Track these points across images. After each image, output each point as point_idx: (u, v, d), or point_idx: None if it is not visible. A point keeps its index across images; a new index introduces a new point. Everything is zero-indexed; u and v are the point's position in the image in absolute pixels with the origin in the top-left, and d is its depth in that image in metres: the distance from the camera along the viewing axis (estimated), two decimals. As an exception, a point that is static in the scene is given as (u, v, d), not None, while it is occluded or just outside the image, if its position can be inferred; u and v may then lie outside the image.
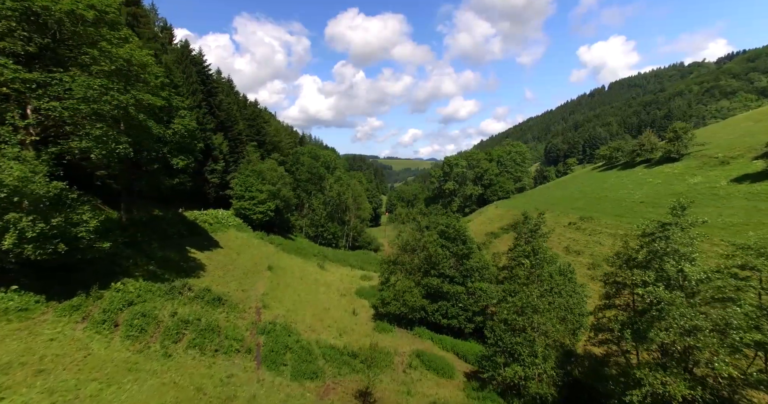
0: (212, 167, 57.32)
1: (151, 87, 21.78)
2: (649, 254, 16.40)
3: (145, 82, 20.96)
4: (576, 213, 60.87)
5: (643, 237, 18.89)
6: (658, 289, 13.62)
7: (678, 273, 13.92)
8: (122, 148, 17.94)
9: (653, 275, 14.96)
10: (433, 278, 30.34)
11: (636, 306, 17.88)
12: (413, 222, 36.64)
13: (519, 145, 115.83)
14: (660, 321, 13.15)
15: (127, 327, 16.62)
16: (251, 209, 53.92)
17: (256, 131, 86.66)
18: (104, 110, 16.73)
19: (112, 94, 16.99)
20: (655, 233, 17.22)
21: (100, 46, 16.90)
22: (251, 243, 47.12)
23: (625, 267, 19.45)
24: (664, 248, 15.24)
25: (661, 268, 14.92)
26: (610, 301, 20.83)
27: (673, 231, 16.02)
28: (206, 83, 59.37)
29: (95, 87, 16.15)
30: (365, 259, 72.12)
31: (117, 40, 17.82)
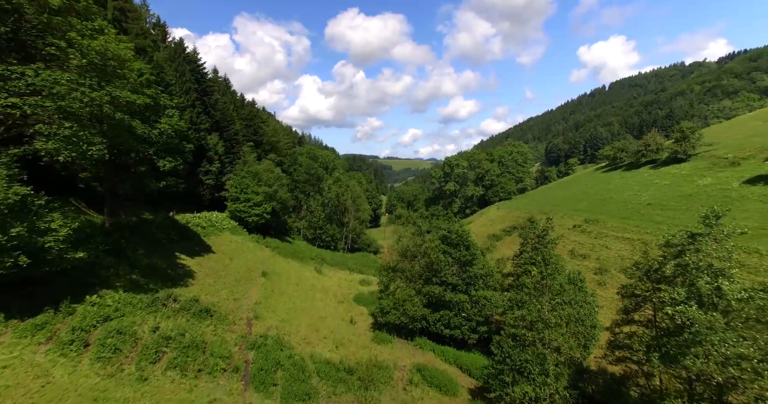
0: (207, 168, 55.77)
1: (131, 84, 20.20)
2: (678, 268, 14.79)
3: (124, 78, 19.36)
4: (580, 215, 59.28)
5: (667, 247, 17.28)
6: (691, 309, 12.06)
7: (713, 291, 12.36)
8: (96, 149, 16.36)
9: (683, 292, 13.38)
10: (434, 286, 28.77)
11: (659, 323, 16.36)
12: (414, 227, 35.02)
13: (520, 145, 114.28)
14: (696, 347, 11.61)
15: (98, 347, 15.04)
16: (246, 211, 52.36)
17: (253, 131, 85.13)
18: (74, 108, 15.17)
19: (83, 90, 15.43)
20: (683, 245, 15.59)
21: (69, 37, 15.35)
22: (246, 247, 45.54)
23: (646, 280, 17.86)
24: (696, 263, 13.69)
25: (692, 284, 13.34)
26: (628, 316, 19.26)
27: (705, 243, 14.39)
28: (201, 82, 57.83)
29: (63, 82, 14.61)
30: (364, 262, 70.54)
31: (89, 32, 16.25)
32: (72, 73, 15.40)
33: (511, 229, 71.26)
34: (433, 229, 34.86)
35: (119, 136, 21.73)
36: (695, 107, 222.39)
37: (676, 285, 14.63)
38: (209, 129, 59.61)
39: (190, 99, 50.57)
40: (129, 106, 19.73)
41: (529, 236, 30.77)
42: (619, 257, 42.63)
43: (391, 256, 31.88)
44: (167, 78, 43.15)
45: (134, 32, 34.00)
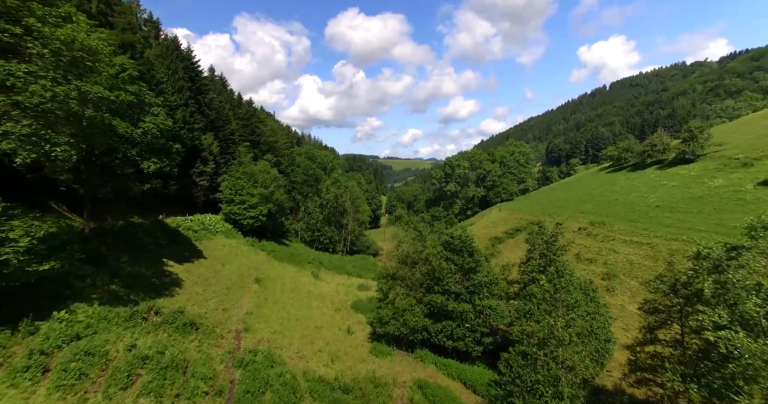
0: (201, 168, 54.11)
1: (108, 79, 18.56)
2: (718, 286, 13.08)
3: (98, 72, 17.72)
4: (585, 217, 57.60)
5: (698, 260, 15.57)
6: (739, 336, 10.43)
7: (764, 316, 10.69)
8: (61, 150, 14.72)
9: (725, 314, 11.70)
10: (436, 295, 27.10)
11: (687, 344, 14.74)
12: (414, 232, 33.34)
13: (522, 145, 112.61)
14: (751, 384, 9.96)
15: (59, 372, 13.35)
16: (241, 213, 50.73)
17: (250, 130, 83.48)
18: (33, 103, 13.54)
19: (44, 83, 13.80)
20: (721, 259, 13.87)
21: (26, 23, 13.72)
22: (240, 251, 43.89)
23: (673, 295, 16.20)
24: (740, 281, 12.02)
25: (734, 305, 11.71)
26: (652, 335, 17.61)
27: (752, 258, 12.63)
28: (195, 80, 56.17)
29: (18, 74, 13.00)
30: (363, 265, 68.86)
31: (54, 19, 14.62)
32: (32, 64, 13.79)
33: (513, 231, 69.63)
34: (434, 233, 33.12)
35: (96, 135, 20.07)
36: (697, 107, 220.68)
37: (710, 304, 12.98)
38: (203, 129, 57.96)
39: (183, 98, 48.93)
40: (102, 102, 18.07)
41: (537, 242, 29.12)
42: (628, 262, 40.93)
43: (391, 262, 30.21)
44: (158, 75, 41.51)
45: (120, 27, 32.39)
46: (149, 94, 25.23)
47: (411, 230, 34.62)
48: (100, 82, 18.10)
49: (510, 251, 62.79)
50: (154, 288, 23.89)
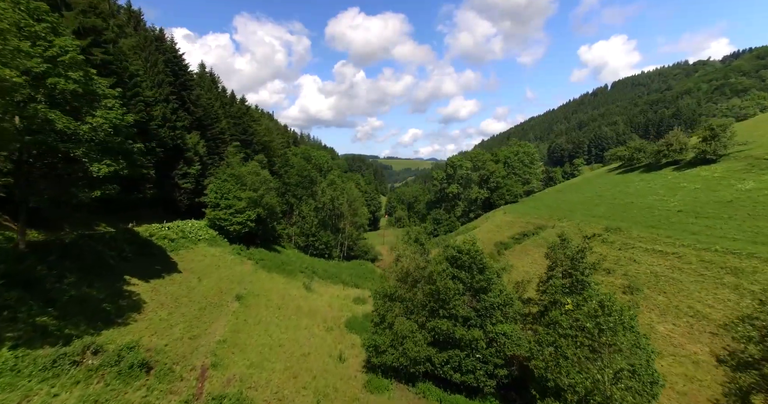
0: (184, 170, 50.10)
1: (10, 54, 14.65)
2: None
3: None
4: (599, 222, 53.57)
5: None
6: None
7: None
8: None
9: None
10: (442, 320, 23.08)
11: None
12: (415, 244, 29.31)
13: (527, 145, 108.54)
14: None
15: None
16: (227, 219, 46.71)
17: (242, 129, 79.48)
18: None
19: None
20: None
21: None
22: (224, 261, 39.87)
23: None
24: None
25: None
26: (745, 401, 13.62)
27: None
28: (179, 75, 52.15)
29: None
30: (361, 272, 64.88)
31: None
32: None
33: (520, 236, 65.62)
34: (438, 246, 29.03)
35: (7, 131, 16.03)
36: (703, 106, 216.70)
37: None
38: (188, 127, 53.97)
39: (163, 93, 44.90)
40: (17, 89, 14.13)
41: (559, 258, 25.12)
42: (652, 274, 36.86)
43: (389, 280, 26.18)
44: (132, 68, 37.49)
45: (80, 8, 28.42)
46: (101, 83, 21.18)
47: (411, 242, 30.63)
48: (11, 63, 14.21)
49: (517, 258, 58.77)
50: (103, 316, 19.85)
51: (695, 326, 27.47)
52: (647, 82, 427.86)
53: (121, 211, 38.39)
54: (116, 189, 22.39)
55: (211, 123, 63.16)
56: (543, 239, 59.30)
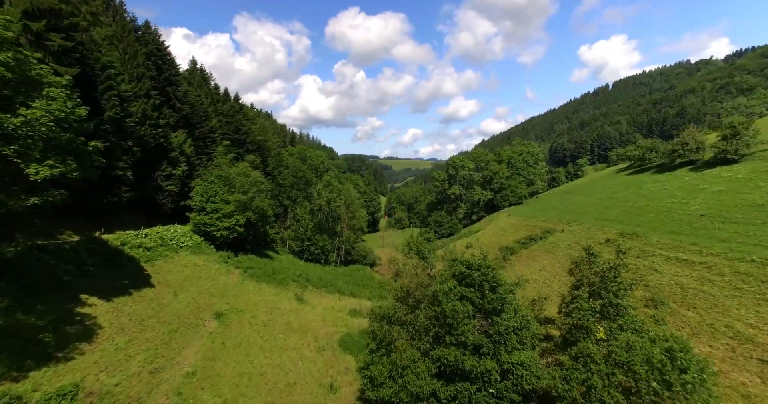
0: (168, 171, 46.70)
1: None
2: None
3: None
4: (612, 227, 50.14)
5: None
6: None
7: None
8: None
9: None
10: (449, 349, 19.65)
11: None
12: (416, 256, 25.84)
13: (531, 144, 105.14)
14: None
15: None
16: (213, 224, 43.25)
17: (234, 128, 76.04)
18: None
19: None
20: None
21: None
22: (207, 271, 36.43)
23: None
24: None
25: None
26: None
27: None
28: (163, 70, 48.70)
29: None
30: (358, 279, 61.46)
31: None
32: None
33: (527, 241, 62.13)
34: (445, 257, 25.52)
35: None
36: (707, 105, 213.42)
37: None
38: (174, 125, 50.57)
39: (143, 88, 41.45)
40: None
41: (585, 275, 21.66)
42: (678, 286, 33.39)
43: (387, 298, 22.73)
44: (104, 59, 34.03)
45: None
46: (42, 69, 17.70)
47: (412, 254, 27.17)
48: None
49: (525, 264, 55.33)
50: (37, 351, 16.40)
51: (738, 350, 24.03)
52: (649, 82, 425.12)
53: (96, 216, 34.97)
54: (64, 195, 18.89)
55: (200, 121, 59.78)
56: (552, 244, 55.90)
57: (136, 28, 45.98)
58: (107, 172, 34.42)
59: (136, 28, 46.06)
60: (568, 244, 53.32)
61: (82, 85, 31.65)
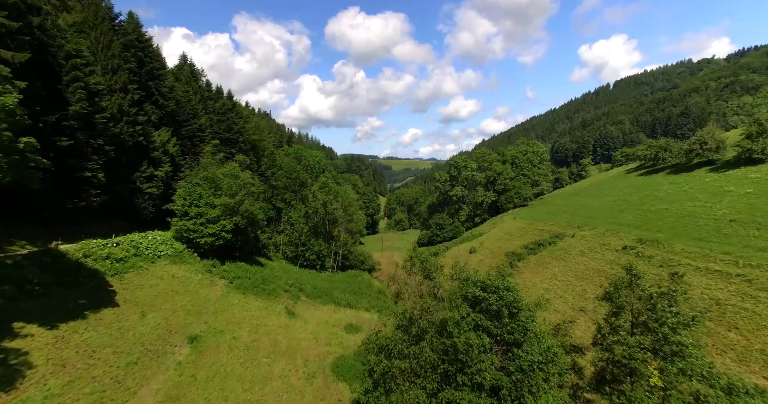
0: (150, 172, 43.04)
1: None
2: None
3: None
4: (628, 232, 46.56)
5: None
6: None
7: None
8: None
9: None
10: (462, 391, 16.02)
11: None
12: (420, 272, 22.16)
13: (535, 144, 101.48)
14: None
15: None
16: (197, 230, 39.60)
17: (226, 127, 72.34)
18: None
19: None
20: None
21: None
22: (186, 284, 32.74)
23: None
24: None
25: None
26: None
27: None
28: (144, 62, 45.04)
29: None
30: (356, 286, 57.86)
31: None
32: None
33: (534, 246, 58.48)
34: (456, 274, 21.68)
35: None
36: (712, 104, 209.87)
37: None
38: (157, 122, 46.95)
39: (119, 81, 37.77)
40: None
41: (628, 300, 17.95)
42: (714, 302, 29.72)
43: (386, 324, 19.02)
44: (69, 47, 30.34)
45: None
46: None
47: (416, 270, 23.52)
48: None
49: (533, 271, 51.73)
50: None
51: (801, 384, 20.45)
52: (650, 81, 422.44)
53: (60, 224, 31.28)
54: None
55: (187, 119, 56.10)
56: (563, 250, 52.27)
57: (112, 16, 42.30)
58: (73, 173, 30.87)
59: (113, 16, 42.37)
60: (581, 250, 49.72)
61: (43, 76, 28.11)
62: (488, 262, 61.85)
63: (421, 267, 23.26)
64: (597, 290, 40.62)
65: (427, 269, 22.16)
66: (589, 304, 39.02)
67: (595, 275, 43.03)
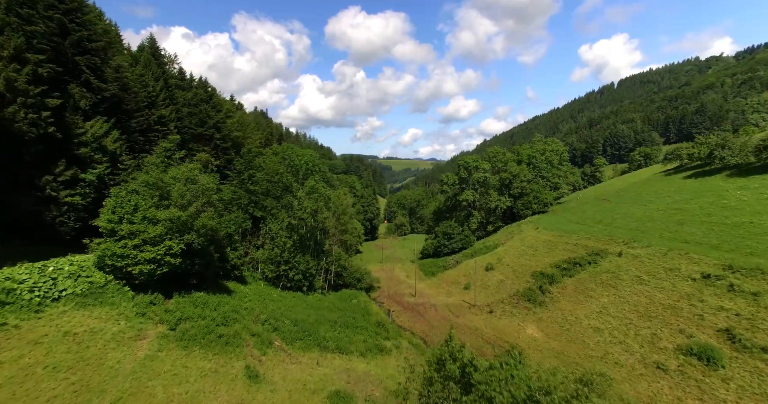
0: (70, 174, 32.20)
1: None
2: None
3: None
4: (704, 253, 35.83)
5: None
6: None
7: None
8: None
9: None
10: None
11: None
12: (440, 384, 11.15)
13: (554, 142, 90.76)
14: None
15: None
16: (128, 255, 28.67)
17: (198, 121, 61.54)
18: None
19: None
20: None
21: None
22: (86, 346, 21.78)
23: None
24: None
25: None
26: None
27: None
28: (69, 30, 34.15)
29: None
30: (350, 315, 46.94)
31: None
32: None
33: (569, 265, 47.60)
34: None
35: None
36: (730, 101, 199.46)
37: None
38: (89, 111, 36.13)
39: (8, 47, 26.81)
40: None
41: None
42: None
43: None
44: None
45: None
46: None
47: (435, 380, 12.42)
48: None
49: (573, 300, 40.86)
50: None
51: None
52: (657, 80, 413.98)
53: None
54: None
55: (141, 109, 45.26)
56: (611, 273, 41.39)
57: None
58: None
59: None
60: (636, 275, 38.84)
61: None
62: (511, 284, 50.99)
63: (442, 367, 11.97)
64: (677, 337, 29.71)
65: (451, 375, 11.14)
66: (671, 359, 28.13)
67: (667, 314, 32.14)
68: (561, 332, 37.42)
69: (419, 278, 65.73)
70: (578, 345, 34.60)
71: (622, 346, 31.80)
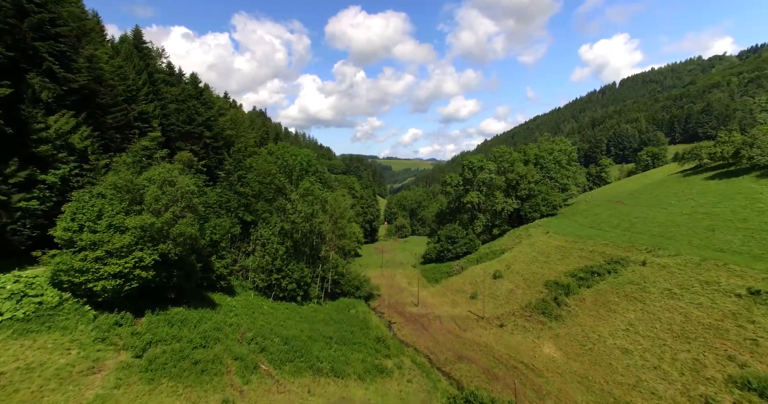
0: (27, 175, 28.18)
1: None
2: None
3: None
4: (748, 265, 31.91)
5: None
6: None
7: None
8: None
9: None
10: None
11: None
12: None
13: (563, 141, 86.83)
14: None
15: None
16: (88, 270, 24.67)
17: (186, 118, 57.56)
18: None
19: None
20: None
21: None
22: (20, 388, 17.77)
23: None
24: None
25: None
26: None
27: None
28: (26, 12, 30.15)
29: None
30: (347, 328, 42.92)
31: None
32: None
33: (586, 274, 43.62)
34: None
35: None
36: (737, 100, 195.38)
37: None
38: (53, 103, 32.13)
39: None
40: None
41: None
42: None
43: None
44: None
45: None
46: None
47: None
48: None
49: (593, 314, 36.82)
50: None
51: None
52: (659, 79, 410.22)
53: None
54: None
55: (118, 103, 41.25)
56: (635, 285, 37.37)
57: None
58: None
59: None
60: (666, 288, 34.77)
61: None
62: (522, 294, 46.94)
63: None
64: (726, 365, 25.61)
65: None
66: (722, 393, 24.06)
67: (709, 336, 28.09)
68: (582, 352, 33.37)
69: (422, 286, 61.69)
70: (604, 369, 30.57)
71: (657, 372, 27.76)
